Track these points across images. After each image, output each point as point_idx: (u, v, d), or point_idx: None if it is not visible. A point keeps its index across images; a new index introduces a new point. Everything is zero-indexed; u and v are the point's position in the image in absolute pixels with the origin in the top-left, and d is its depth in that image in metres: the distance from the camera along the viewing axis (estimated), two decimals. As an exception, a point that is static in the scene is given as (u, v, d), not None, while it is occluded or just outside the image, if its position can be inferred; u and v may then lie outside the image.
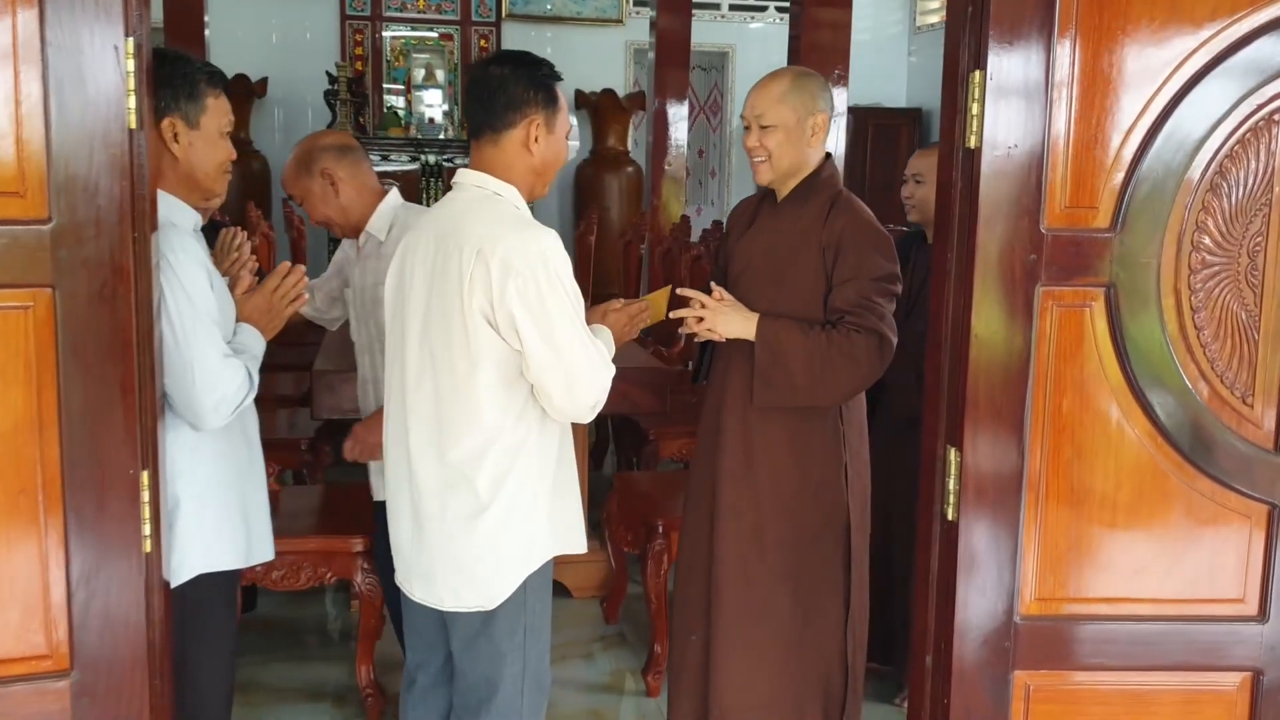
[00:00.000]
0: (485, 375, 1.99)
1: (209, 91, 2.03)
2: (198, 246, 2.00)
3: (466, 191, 2.10)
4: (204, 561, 2.01)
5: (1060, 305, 1.86)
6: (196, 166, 2.03)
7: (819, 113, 2.51)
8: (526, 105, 2.07)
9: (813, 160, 2.55)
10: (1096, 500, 1.91)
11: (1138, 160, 1.83)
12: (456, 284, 1.97)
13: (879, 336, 2.44)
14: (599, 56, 8.88)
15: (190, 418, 1.95)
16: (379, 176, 8.09)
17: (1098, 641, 1.95)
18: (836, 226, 2.50)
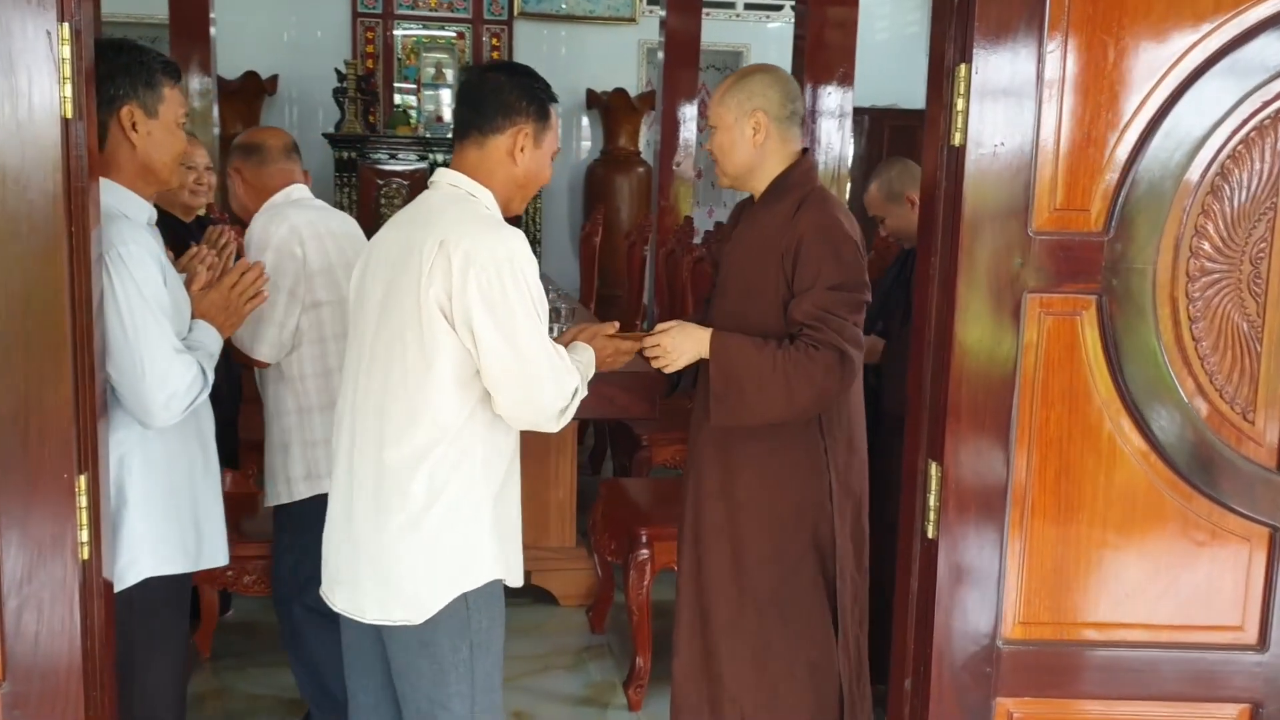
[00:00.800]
0: (437, 373, 1.91)
1: (166, 81, 1.99)
2: (150, 239, 1.95)
3: (440, 190, 2.04)
4: (152, 565, 1.95)
5: (1049, 313, 1.77)
6: (154, 156, 1.98)
7: (756, 111, 2.36)
8: (517, 114, 2.03)
9: (770, 161, 2.40)
10: (1085, 519, 1.82)
11: (1133, 160, 1.74)
12: (415, 275, 1.90)
13: (837, 353, 2.27)
14: (612, 55, 8.80)
15: (140, 414, 1.89)
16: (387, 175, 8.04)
17: (1085, 669, 1.86)
18: (797, 230, 2.34)
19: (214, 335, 2.06)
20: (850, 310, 2.30)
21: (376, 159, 7.85)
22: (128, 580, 1.91)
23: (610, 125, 8.53)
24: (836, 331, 2.27)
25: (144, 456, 1.94)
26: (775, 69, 2.47)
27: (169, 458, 1.98)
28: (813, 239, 2.31)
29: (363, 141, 7.79)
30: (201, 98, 5.33)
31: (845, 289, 2.30)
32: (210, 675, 3.22)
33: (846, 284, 2.30)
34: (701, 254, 4.63)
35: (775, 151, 2.40)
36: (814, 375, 2.25)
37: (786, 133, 2.40)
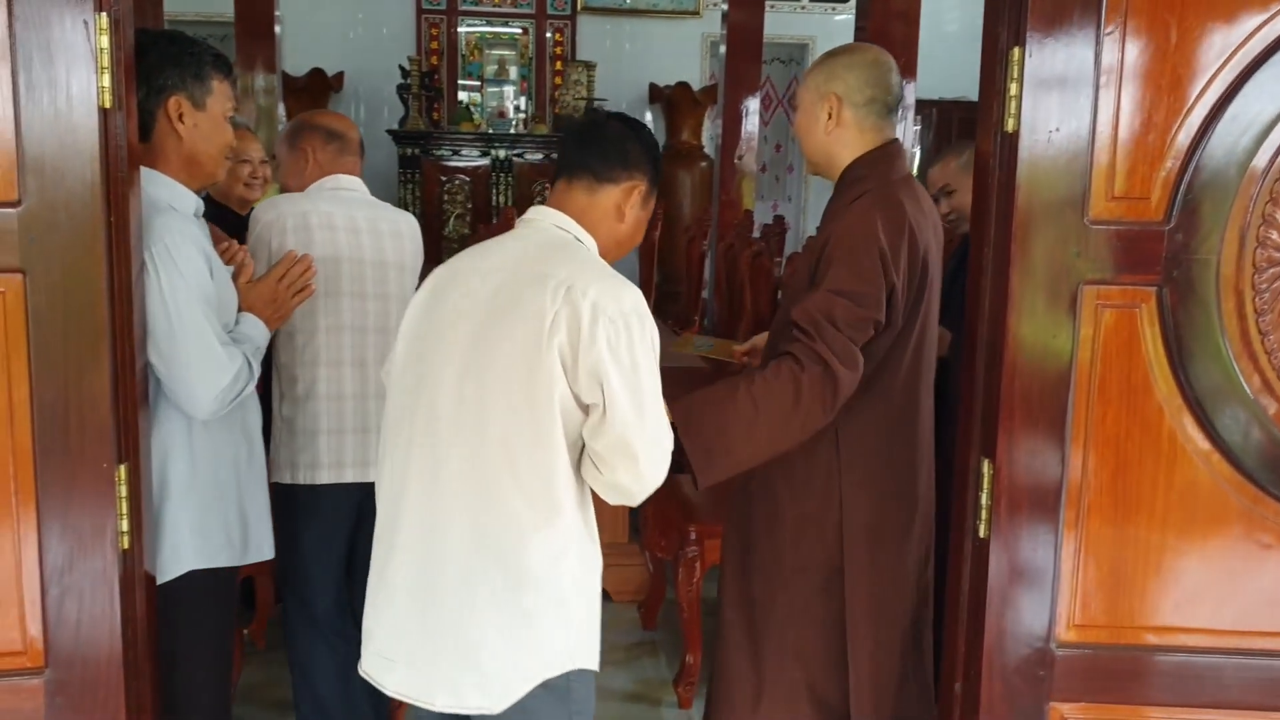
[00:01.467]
0: (555, 433, 1.69)
1: (215, 74, 1.98)
2: (197, 231, 1.95)
3: (544, 231, 1.83)
4: (195, 558, 1.95)
5: (1106, 305, 1.70)
6: (200, 148, 1.98)
7: (831, 95, 2.17)
8: (636, 169, 1.88)
9: (845, 151, 2.21)
10: (1144, 520, 1.75)
11: (1196, 146, 1.66)
12: (535, 321, 1.68)
13: (822, 368, 2.02)
14: (675, 50, 8.76)
15: (185, 406, 1.89)
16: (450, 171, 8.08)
17: (1144, 674, 1.79)
18: (832, 230, 2.14)
19: (261, 328, 2.06)
20: (849, 324, 2.06)
21: (440, 155, 7.89)
22: (170, 573, 1.92)
23: (673, 119, 8.49)
24: (827, 344, 2.04)
25: (188, 449, 1.94)
26: (865, 50, 2.25)
27: (214, 451, 1.98)
28: (839, 244, 2.11)
29: (426, 138, 7.84)
30: (266, 95, 5.39)
31: (851, 299, 2.07)
32: (262, 666, 3.24)
33: (854, 295, 2.07)
34: (760, 248, 4.57)
35: (851, 141, 2.20)
36: (801, 406, 2.03)
37: (865, 121, 2.19)
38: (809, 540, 2.20)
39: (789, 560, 2.21)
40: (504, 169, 7.91)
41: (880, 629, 2.22)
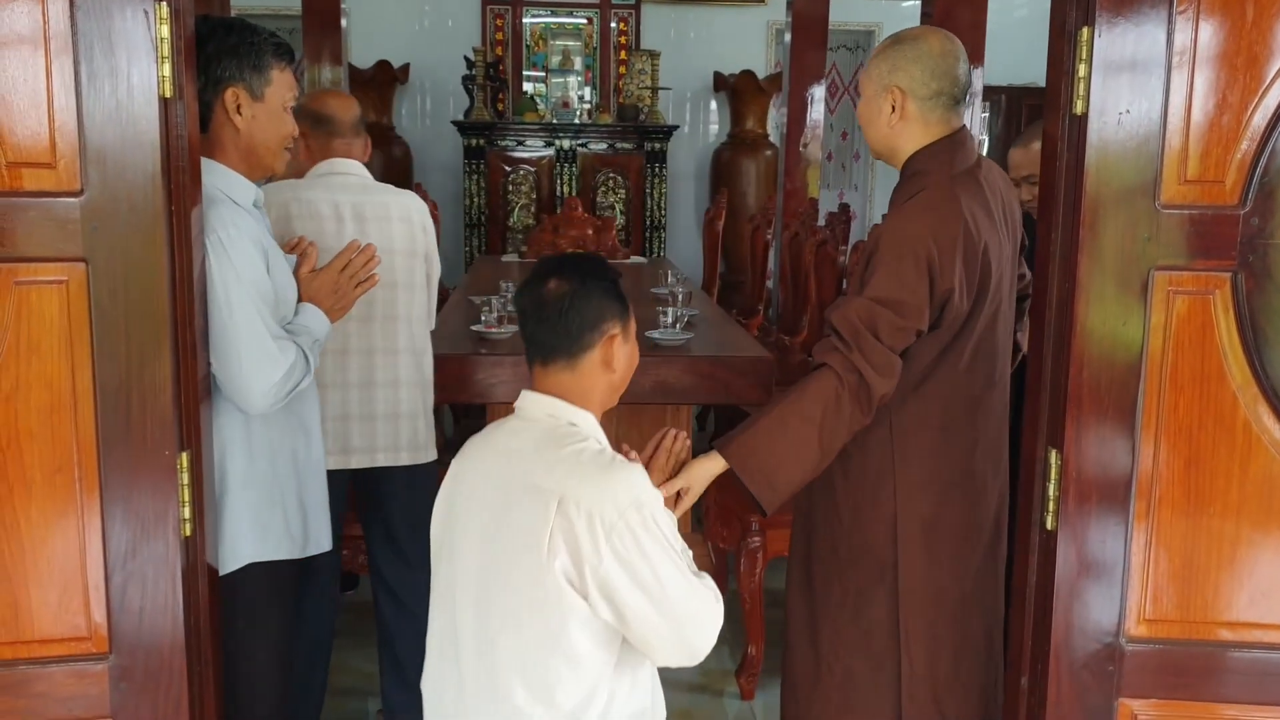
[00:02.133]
0: (572, 642, 1.65)
1: (275, 64, 1.97)
2: (253, 223, 1.94)
3: (538, 424, 1.74)
4: (254, 550, 1.96)
5: (1179, 292, 1.65)
6: (258, 140, 1.97)
7: (894, 88, 2.11)
8: (604, 321, 1.74)
9: (909, 143, 2.15)
10: (1218, 511, 1.69)
11: (1273, 128, 1.61)
12: (531, 542, 1.63)
13: (859, 380, 2.00)
14: (740, 37, 8.68)
15: (239, 401, 1.89)
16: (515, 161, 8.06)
17: (1218, 670, 1.74)
18: (881, 230, 2.10)
19: (321, 319, 2.05)
20: (891, 333, 2.02)
21: (504, 146, 7.91)
22: (229, 566, 1.93)
23: (737, 108, 8.42)
24: (865, 355, 2.01)
25: (246, 443, 1.95)
26: (930, 38, 2.13)
27: (272, 444, 1.98)
28: (883, 242, 2.07)
29: (490, 128, 7.86)
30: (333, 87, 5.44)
31: (893, 309, 2.02)
32: (327, 652, 3.28)
33: (896, 304, 2.02)
34: (826, 237, 4.52)
35: (916, 134, 2.14)
36: (842, 414, 2.02)
37: (930, 114, 2.12)
38: (863, 531, 2.19)
39: (844, 551, 2.21)
40: (568, 159, 7.92)
41: (938, 625, 2.19)
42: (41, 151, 1.52)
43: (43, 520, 1.60)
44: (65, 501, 1.59)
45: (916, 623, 2.18)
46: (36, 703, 1.63)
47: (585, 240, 5.93)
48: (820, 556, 2.25)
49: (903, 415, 2.15)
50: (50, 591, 1.62)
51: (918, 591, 2.17)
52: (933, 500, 2.17)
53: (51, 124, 1.52)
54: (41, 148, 1.51)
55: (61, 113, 1.51)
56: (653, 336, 3.34)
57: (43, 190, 1.53)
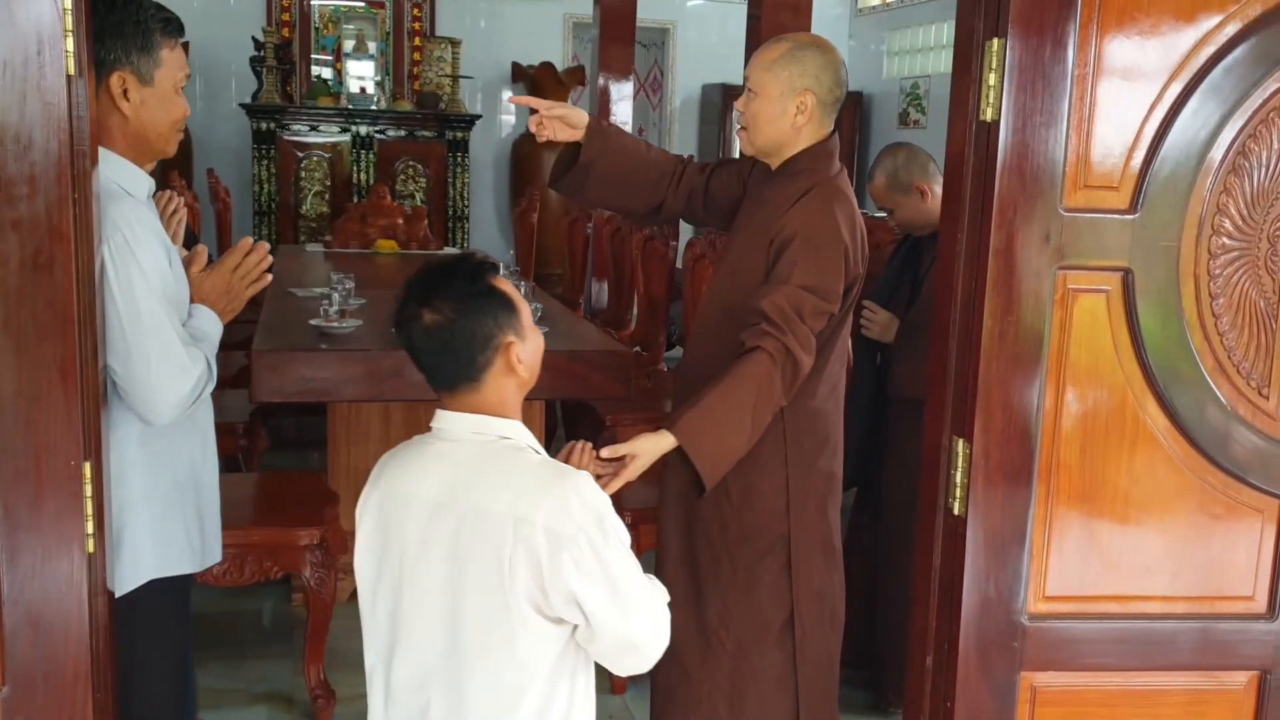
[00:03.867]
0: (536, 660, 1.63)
1: (165, 42, 1.81)
2: (153, 218, 1.80)
3: (465, 445, 1.67)
4: (155, 566, 1.82)
5: (1077, 289, 1.77)
6: (149, 126, 1.81)
7: (806, 92, 2.25)
8: (495, 333, 1.64)
9: (800, 142, 2.30)
10: (1109, 494, 1.83)
11: (1160, 139, 1.74)
12: (491, 568, 1.59)
13: (792, 362, 2.15)
14: (537, 29, 8.66)
15: (144, 411, 1.75)
16: (308, 147, 7.74)
17: (1107, 641, 1.87)
18: (793, 220, 2.23)
19: (215, 322, 1.91)
20: (814, 316, 2.19)
21: (297, 130, 7.61)
22: (129, 584, 1.79)
23: (537, 100, 8.39)
24: (795, 336, 2.15)
25: (144, 453, 1.80)
26: (832, 48, 2.32)
27: (172, 453, 1.85)
28: (804, 234, 2.21)
29: (281, 112, 7.54)
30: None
31: (817, 294, 2.19)
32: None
33: (819, 289, 2.19)
34: (653, 232, 4.57)
35: (809, 135, 2.30)
36: (776, 393, 2.15)
37: (826, 117, 2.31)
38: (755, 508, 2.31)
39: (734, 528, 2.32)
40: (365, 146, 7.69)
41: (822, 581, 2.37)
42: (-71, 131, 1.36)
43: (-73, 542, 1.43)
44: (-47, 520, 1.44)
45: (807, 585, 2.33)
46: (-81, 745, 1.47)
47: (395, 230, 5.77)
48: (706, 536, 2.34)
49: (793, 397, 2.27)
50: (-66, 621, 1.45)
51: (807, 554, 2.32)
52: (817, 467, 2.34)
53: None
54: (-68, 126, 1.36)
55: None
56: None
57: (-70, 174, 1.37)
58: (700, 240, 4.04)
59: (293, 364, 2.95)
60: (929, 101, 8.41)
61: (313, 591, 2.67)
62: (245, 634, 3.31)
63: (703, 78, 9.15)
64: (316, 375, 2.97)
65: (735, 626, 2.33)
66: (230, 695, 2.94)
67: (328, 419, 3.44)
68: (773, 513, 2.31)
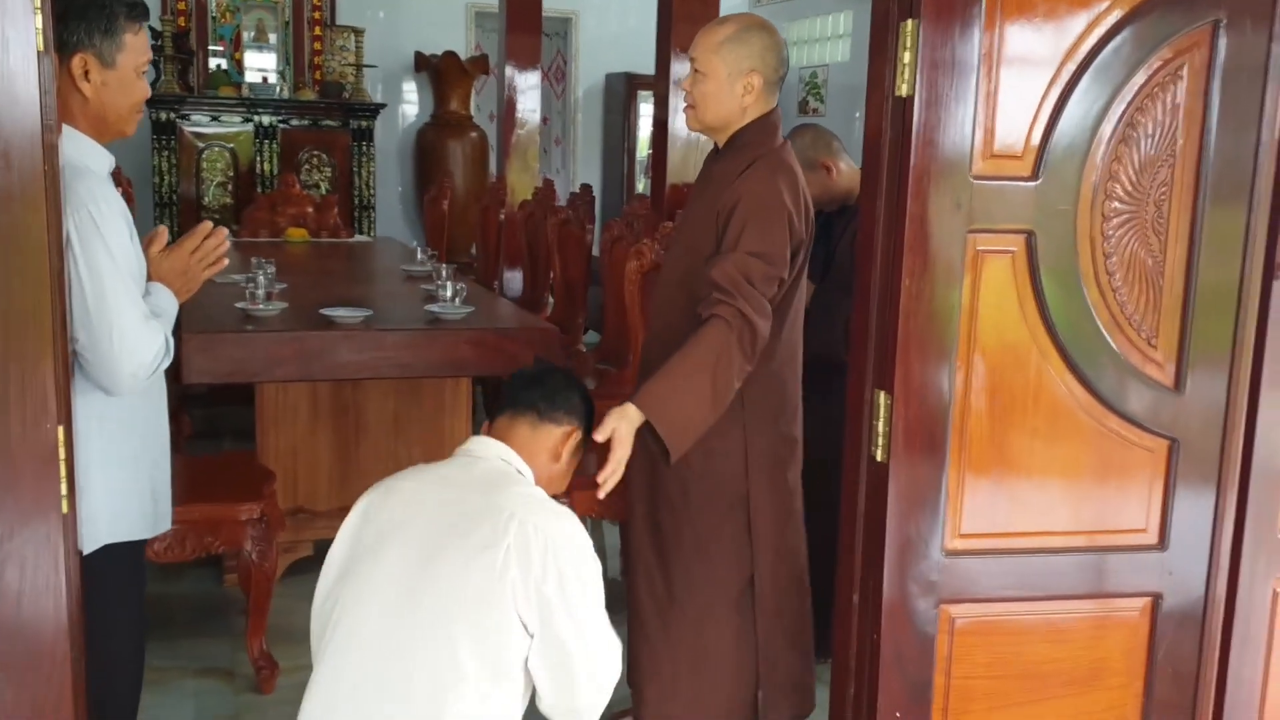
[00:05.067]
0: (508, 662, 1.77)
1: (129, 27, 1.87)
2: (117, 196, 1.84)
3: (488, 462, 1.94)
4: (110, 531, 1.88)
5: (987, 251, 1.91)
6: (109, 107, 1.87)
7: (753, 72, 2.36)
8: (575, 417, 2.07)
9: (745, 118, 2.40)
10: (1017, 439, 1.98)
11: (1058, 112, 1.90)
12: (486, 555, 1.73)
13: (748, 326, 2.25)
14: (438, 18, 8.66)
15: (106, 382, 1.81)
16: (209, 138, 7.63)
17: (1017, 574, 2.03)
18: (737, 191, 2.33)
19: (172, 300, 1.97)
20: (764, 281, 2.29)
21: (197, 121, 7.51)
22: (88, 547, 1.84)
23: (440, 89, 8.41)
24: (747, 300, 2.26)
25: (103, 421, 1.86)
26: (773, 29, 2.43)
27: (129, 423, 1.91)
28: (747, 203, 2.31)
29: (181, 102, 7.44)
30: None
31: (764, 259, 2.29)
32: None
33: (766, 254, 2.30)
34: (567, 216, 4.67)
35: (754, 111, 2.40)
36: (735, 357, 2.25)
37: (770, 94, 2.41)
38: (715, 472, 2.40)
39: (695, 494, 2.41)
40: (268, 136, 7.62)
41: (778, 541, 2.48)
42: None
43: (-94, 506, 1.47)
44: (-67, 483, 1.48)
45: (766, 546, 2.44)
46: (-99, 704, 1.51)
47: (305, 218, 5.78)
48: (669, 503, 2.43)
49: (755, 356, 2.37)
50: (-86, 583, 1.50)
51: (765, 515, 2.44)
52: (772, 431, 2.44)
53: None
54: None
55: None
56: (433, 311, 3.37)
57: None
58: (618, 222, 4.15)
59: (224, 345, 2.99)
60: (827, 90, 8.64)
61: (255, 565, 2.72)
62: (178, 615, 3.32)
63: (606, 67, 9.24)
64: (248, 356, 3.01)
65: (698, 590, 2.43)
66: (170, 673, 2.96)
67: (256, 400, 3.46)
68: (732, 475, 2.41)
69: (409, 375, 3.36)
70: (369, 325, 3.17)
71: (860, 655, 2.08)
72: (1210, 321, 2.01)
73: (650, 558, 2.47)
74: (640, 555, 2.47)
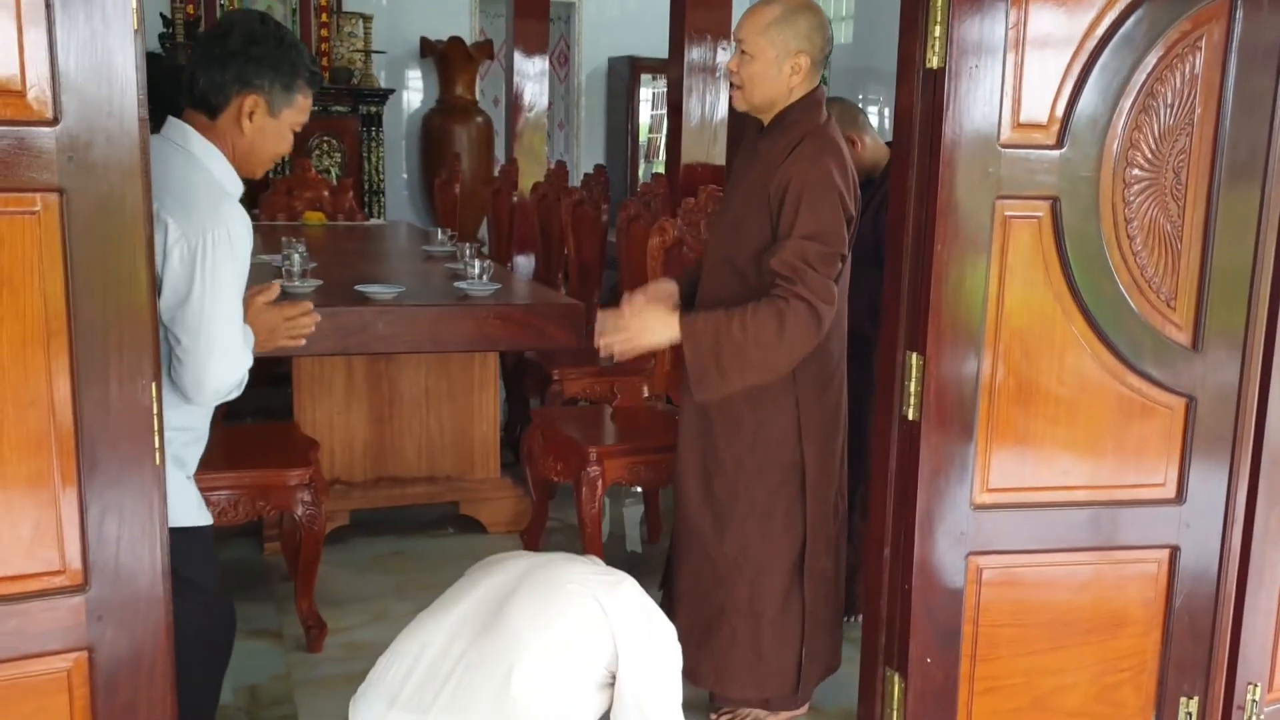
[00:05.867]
0: None
1: (303, 89, 2.00)
2: (250, 224, 1.98)
3: None
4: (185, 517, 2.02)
5: (1014, 216, 2.01)
6: (257, 149, 2.00)
7: (800, 53, 2.42)
8: None
9: (792, 97, 2.46)
10: (1042, 397, 2.09)
11: (1081, 82, 2.00)
12: None
13: (807, 307, 2.32)
14: (444, 4, 8.70)
15: (191, 388, 1.91)
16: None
17: (1042, 527, 2.14)
18: (788, 173, 2.38)
19: (251, 341, 2.09)
20: (822, 262, 2.34)
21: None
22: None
23: (446, 74, 8.46)
24: (808, 285, 2.32)
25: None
26: (818, 8, 2.48)
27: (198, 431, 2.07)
28: (798, 185, 2.35)
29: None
30: None
31: (819, 240, 2.34)
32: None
33: (821, 235, 2.34)
34: (582, 198, 4.75)
35: (800, 90, 2.46)
36: (786, 333, 2.32)
37: (815, 73, 2.47)
38: (769, 440, 2.50)
39: (750, 463, 2.50)
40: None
41: (826, 505, 2.57)
42: (10, 79, 1.49)
43: (14, 456, 1.57)
44: (40, 436, 1.58)
45: (818, 511, 2.53)
46: (10, 640, 1.60)
47: (321, 202, 5.87)
48: (724, 472, 2.53)
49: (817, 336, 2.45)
50: (22, 527, 1.59)
51: (818, 481, 2.53)
52: (822, 401, 2.53)
53: (21, 53, 1.49)
54: (10, 75, 1.49)
55: (33, 43, 1.49)
56: (461, 288, 3.47)
57: (14, 119, 1.50)
58: (634, 201, 4.23)
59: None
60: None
61: (304, 527, 2.82)
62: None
63: (609, 50, 9.30)
64: (289, 331, 3.10)
65: (754, 553, 2.53)
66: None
67: (292, 375, 3.56)
68: (787, 444, 2.50)
69: (442, 350, 3.45)
70: (401, 301, 3.26)
71: (892, 606, 2.19)
72: (1227, 286, 2.12)
73: (708, 529, 2.56)
74: (697, 529, 2.57)
